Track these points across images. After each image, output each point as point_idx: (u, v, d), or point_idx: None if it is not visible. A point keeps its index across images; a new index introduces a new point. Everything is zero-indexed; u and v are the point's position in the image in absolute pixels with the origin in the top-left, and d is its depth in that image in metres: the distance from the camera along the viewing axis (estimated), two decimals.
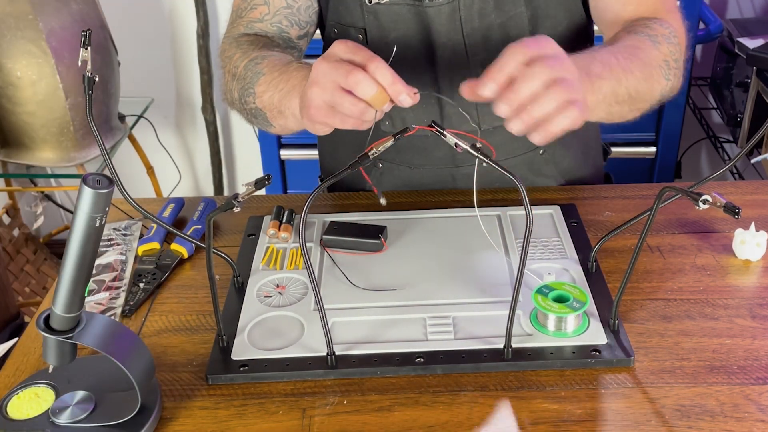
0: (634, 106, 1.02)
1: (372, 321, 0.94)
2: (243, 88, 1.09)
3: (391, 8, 1.12)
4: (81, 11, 1.88)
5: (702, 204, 0.75)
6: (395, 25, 1.13)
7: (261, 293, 1.00)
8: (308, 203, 0.79)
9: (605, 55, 0.98)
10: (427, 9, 1.11)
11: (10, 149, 1.94)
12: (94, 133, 0.83)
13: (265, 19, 1.17)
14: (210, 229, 0.82)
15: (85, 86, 0.81)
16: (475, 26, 1.12)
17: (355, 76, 0.84)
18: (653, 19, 1.09)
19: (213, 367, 0.89)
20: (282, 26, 1.18)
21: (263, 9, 1.17)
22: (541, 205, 1.14)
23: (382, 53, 1.13)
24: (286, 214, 1.13)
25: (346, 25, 1.16)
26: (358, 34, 1.16)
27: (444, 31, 1.12)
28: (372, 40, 1.15)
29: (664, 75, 1.04)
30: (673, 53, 1.06)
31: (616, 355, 0.87)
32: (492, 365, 0.87)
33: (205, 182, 2.74)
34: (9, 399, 0.84)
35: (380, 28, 1.14)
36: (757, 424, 0.80)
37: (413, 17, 1.12)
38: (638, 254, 0.85)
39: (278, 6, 1.17)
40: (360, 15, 1.14)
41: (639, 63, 1.00)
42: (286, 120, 1.03)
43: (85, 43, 0.79)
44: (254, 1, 1.18)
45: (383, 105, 0.85)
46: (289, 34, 1.19)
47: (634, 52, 1.01)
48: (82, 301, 0.76)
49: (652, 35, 1.05)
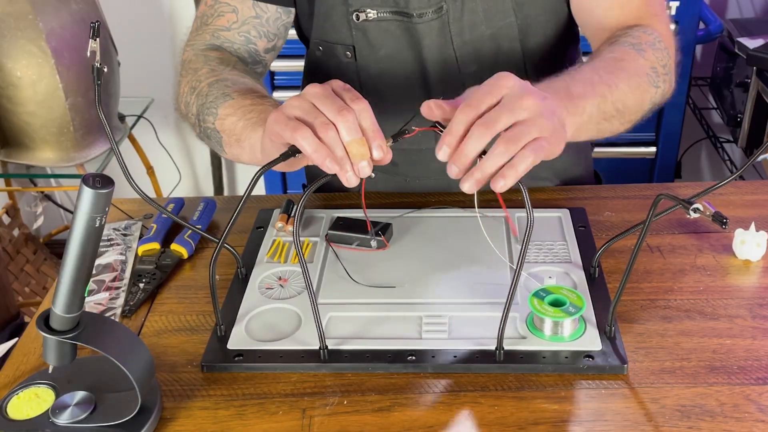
0: (624, 119, 1.00)
1: (369, 317, 0.94)
2: (204, 105, 1.03)
3: (380, 24, 1.11)
4: (81, 11, 1.88)
5: (693, 213, 0.76)
6: (384, 42, 1.13)
7: (263, 285, 1.01)
8: (301, 202, 0.79)
9: (587, 73, 0.95)
10: (417, 24, 1.10)
11: (10, 149, 1.94)
12: (103, 122, 0.84)
13: (233, 28, 1.13)
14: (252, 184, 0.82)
15: (94, 76, 0.82)
16: (465, 39, 1.12)
17: (344, 115, 0.80)
18: (636, 27, 1.06)
19: (208, 356, 0.90)
20: (249, 36, 1.14)
21: (231, 17, 1.13)
22: (551, 208, 1.13)
23: (372, 70, 1.13)
24: (294, 208, 1.14)
25: (333, 42, 1.15)
26: (345, 51, 1.14)
27: (434, 45, 1.12)
28: (361, 56, 1.14)
29: (652, 83, 1.02)
30: (660, 59, 1.04)
31: (609, 361, 0.86)
32: (483, 366, 0.87)
33: (205, 182, 2.74)
34: (9, 399, 0.84)
35: (369, 45, 1.13)
36: (757, 424, 0.80)
37: (402, 33, 1.12)
38: (634, 261, 0.85)
39: (247, 15, 1.13)
40: (348, 32, 1.13)
41: (624, 75, 0.97)
42: (242, 150, 0.99)
43: (94, 34, 0.80)
44: (221, 8, 1.14)
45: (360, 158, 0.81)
46: (256, 46, 1.15)
47: (618, 65, 0.98)
48: (82, 301, 0.76)
49: (636, 43, 1.02)
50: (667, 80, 1.05)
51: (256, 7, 1.13)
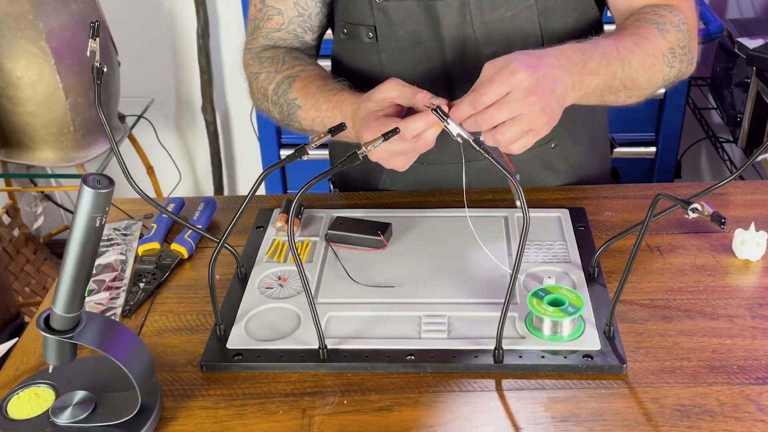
0: (631, 93, 1.07)
1: (368, 317, 0.94)
2: (282, 113, 1.16)
3: (401, 5, 1.13)
4: (81, 11, 1.88)
5: (691, 213, 0.76)
6: (404, 22, 1.14)
7: (263, 285, 1.01)
8: (298, 197, 0.79)
9: (608, 46, 1.02)
10: (437, 4, 1.12)
11: (10, 149, 1.94)
12: (103, 122, 0.84)
13: (282, 29, 1.22)
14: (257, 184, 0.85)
15: (93, 76, 0.83)
16: (485, 20, 1.13)
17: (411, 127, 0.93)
18: (664, 6, 1.11)
19: (208, 355, 0.90)
20: (297, 33, 1.23)
21: (279, 19, 1.21)
22: (550, 208, 1.14)
23: (392, 50, 1.15)
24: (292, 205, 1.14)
25: (356, 23, 1.18)
26: (368, 31, 1.17)
27: (454, 25, 1.13)
28: (382, 37, 1.16)
29: (667, 63, 1.08)
30: (681, 40, 1.09)
31: (608, 361, 0.86)
32: (482, 366, 0.87)
33: (205, 182, 2.74)
34: (9, 399, 0.84)
35: (390, 25, 1.15)
36: (757, 424, 0.80)
37: (422, 13, 1.13)
38: (633, 260, 0.85)
39: (291, 15, 1.21)
40: (369, 13, 1.16)
41: (640, 53, 1.04)
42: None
43: (93, 34, 0.80)
44: (269, 12, 1.21)
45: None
46: (304, 38, 1.24)
47: (638, 42, 1.05)
48: (82, 301, 0.76)
49: (660, 22, 1.08)
50: (686, 60, 1.11)
51: (297, 7, 1.21)
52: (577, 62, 0.97)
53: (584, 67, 0.98)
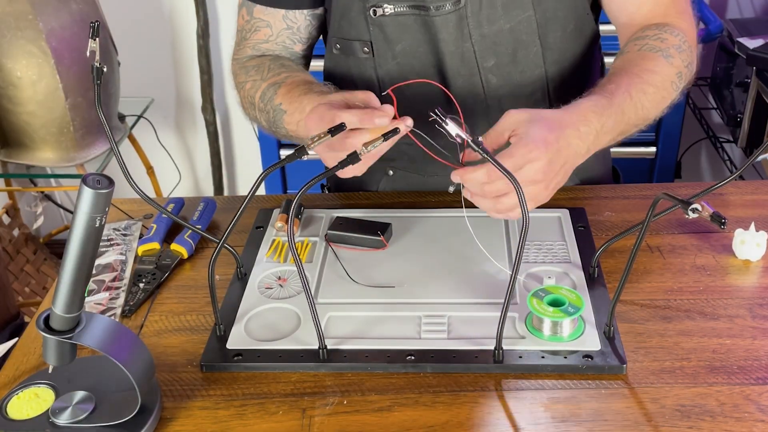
0: (641, 128, 1.07)
1: (368, 317, 0.94)
2: (269, 120, 1.14)
3: (397, 19, 1.12)
4: (81, 11, 1.88)
5: (691, 213, 0.76)
6: (401, 36, 1.13)
7: (263, 285, 1.01)
8: (298, 197, 0.79)
9: (623, 94, 1.01)
10: (434, 18, 1.10)
11: (10, 149, 1.94)
12: (103, 122, 0.84)
13: (270, 40, 1.21)
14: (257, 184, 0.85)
15: (93, 76, 0.83)
16: (483, 32, 1.12)
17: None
18: (664, 27, 1.10)
19: (208, 356, 0.90)
20: (286, 45, 1.22)
21: (266, 31, 1.20)
22: (550, 208, 1.13)
23: (389, 65, 1.14)
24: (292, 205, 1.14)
25: (350, 39, 1.16)
26: (363, 47, 1.16)
27: (451, 39, 1.12)
28: (378, 51, 1.15)
29: (675, 88, 1.08)
30: (684, 60, 1.09)
31: (608, 361, 0.86)
32: (482, 366, 0.87)
33: (205, 182, 2.74)
34: (9, 399, 0.84)
35: (386, 40, 1.14)
36: (757, 424, 0.80)
37: (419, 27, 1.12)
38: (633, 260, 0.85)
39: (280, 28, 1.20)
40: (365, 28, 1.14)
41: (652, 91, 1.04)
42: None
43: (93, 34, 0.81)
44: (257, 24, 1.20)
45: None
46: (294, 49, 1.23)
47: (648, 79, 1.04)
48: (82, 301, 0.76)
49: (664, 49, 1.07)
50: (688, 76, 1.12)
51: (286, 19, 1.19)
52: (596, 126, 0.96)
53: (601, 129, 0.97)
